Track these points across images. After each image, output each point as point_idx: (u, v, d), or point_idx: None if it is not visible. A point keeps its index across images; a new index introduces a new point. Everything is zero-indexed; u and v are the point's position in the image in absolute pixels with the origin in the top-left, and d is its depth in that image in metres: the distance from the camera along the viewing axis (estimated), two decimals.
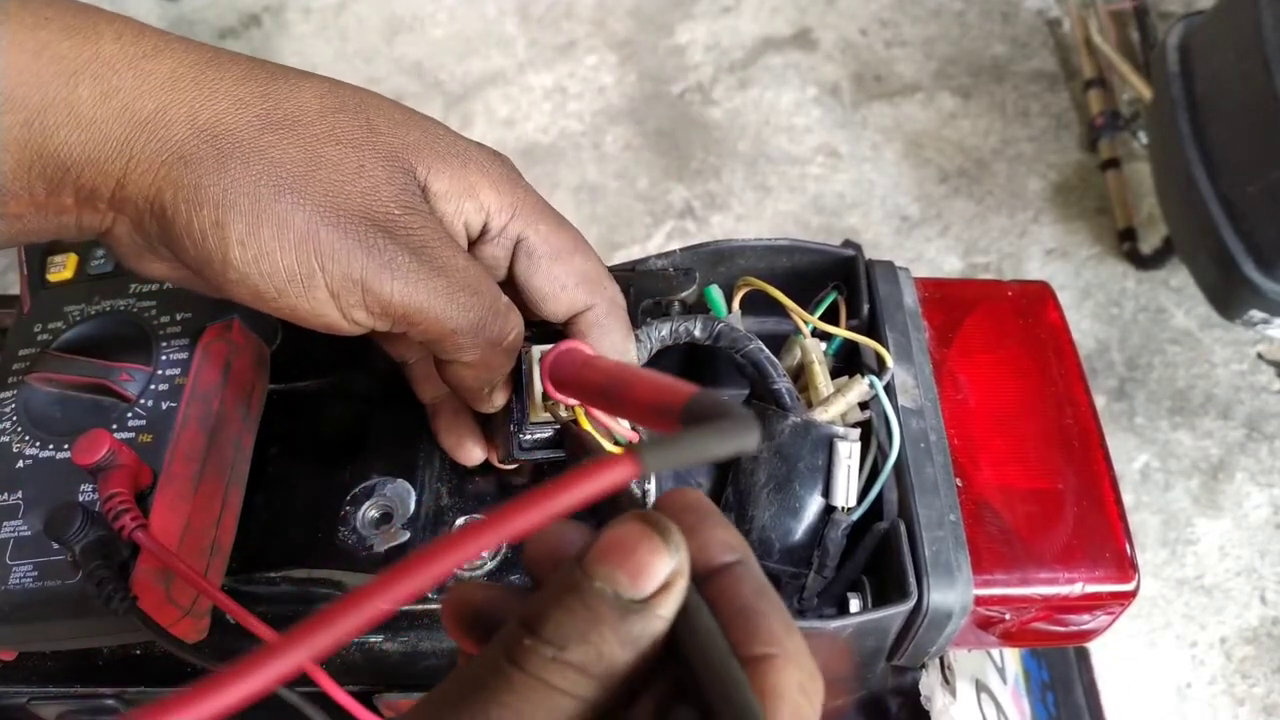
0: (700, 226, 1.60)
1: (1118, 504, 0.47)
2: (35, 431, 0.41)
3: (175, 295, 0.44)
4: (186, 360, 0.43)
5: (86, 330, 0.44)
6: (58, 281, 0.46)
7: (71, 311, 0.45)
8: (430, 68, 1.77)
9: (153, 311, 0.44)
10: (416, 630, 0.45)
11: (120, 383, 0.42)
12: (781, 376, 0.46)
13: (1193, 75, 1.29)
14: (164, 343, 0.43)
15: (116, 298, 0.45)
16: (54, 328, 0.45)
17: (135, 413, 0.41)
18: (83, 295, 0.45)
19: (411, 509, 0.43)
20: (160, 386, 0.42)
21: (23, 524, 0.40)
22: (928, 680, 0.53)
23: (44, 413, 0.42)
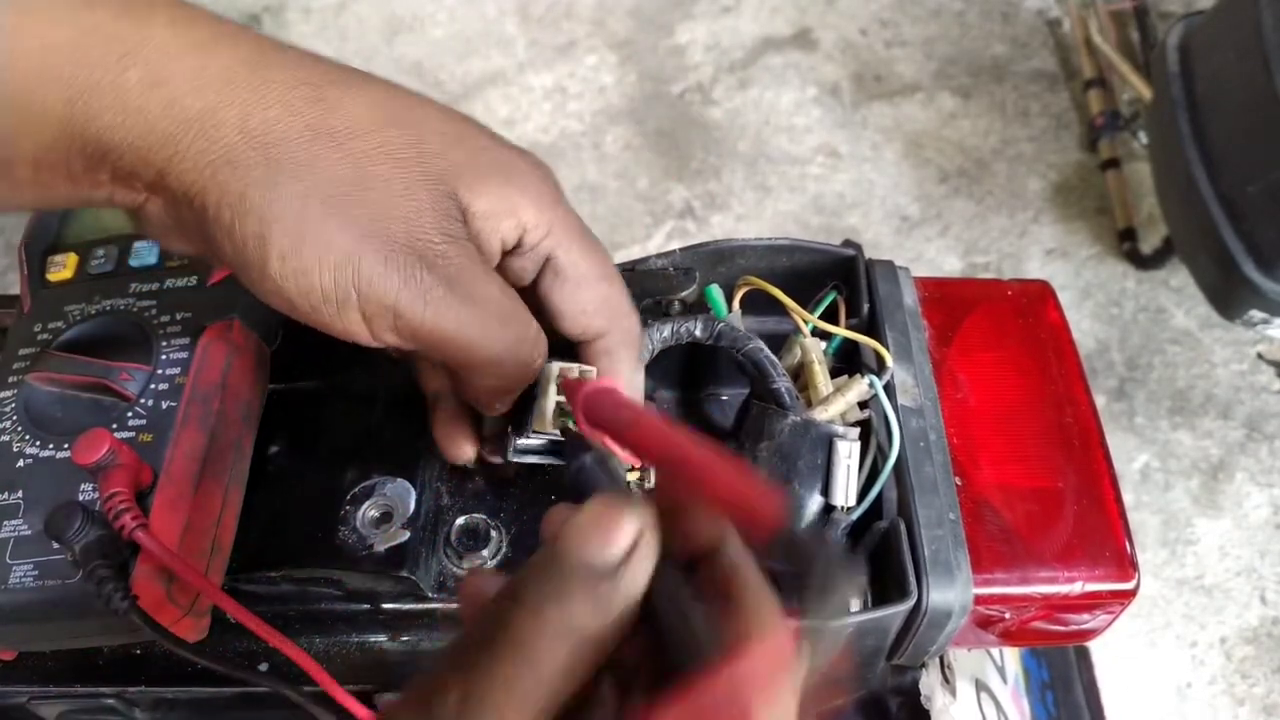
0: (700, 226, 1.60)
1: (1118, 503, 0.47)
2: (35, 431, 0.41)
3: (175, 295, 0.44)
4: (187, 360, 0.43)
5: (87, 330, 0.44)
6: (58, 281, 0.46)
7: (72, 311, 0.45)
8: (430, 68, 1.77)
9: (153, 311, 0.44)
10: (416, 630, 0.45)
11: (120, 382, 0.42)
12: (781, 376, 0.46)
13: (1193, 75, 1.29)
14: (164, 342, 0.43)
15: (116, 297, 0.45)
16: (54, 327, 0.44)
17: (135, 412, 0.41)
18: (83, 295, 0.45)
19: (411, 509, 0.43)
20: (160, 386, 0.42)
21: (23, 523, 0.40)
22: (928, 680, 0.53)
23: (44, 412, 0.42)
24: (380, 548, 0.42)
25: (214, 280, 0.44)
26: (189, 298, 0.44)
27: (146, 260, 0.46)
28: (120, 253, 0.46)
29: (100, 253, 0.46)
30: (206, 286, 0.44)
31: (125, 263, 0.46)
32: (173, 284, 0.45)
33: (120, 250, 0.46)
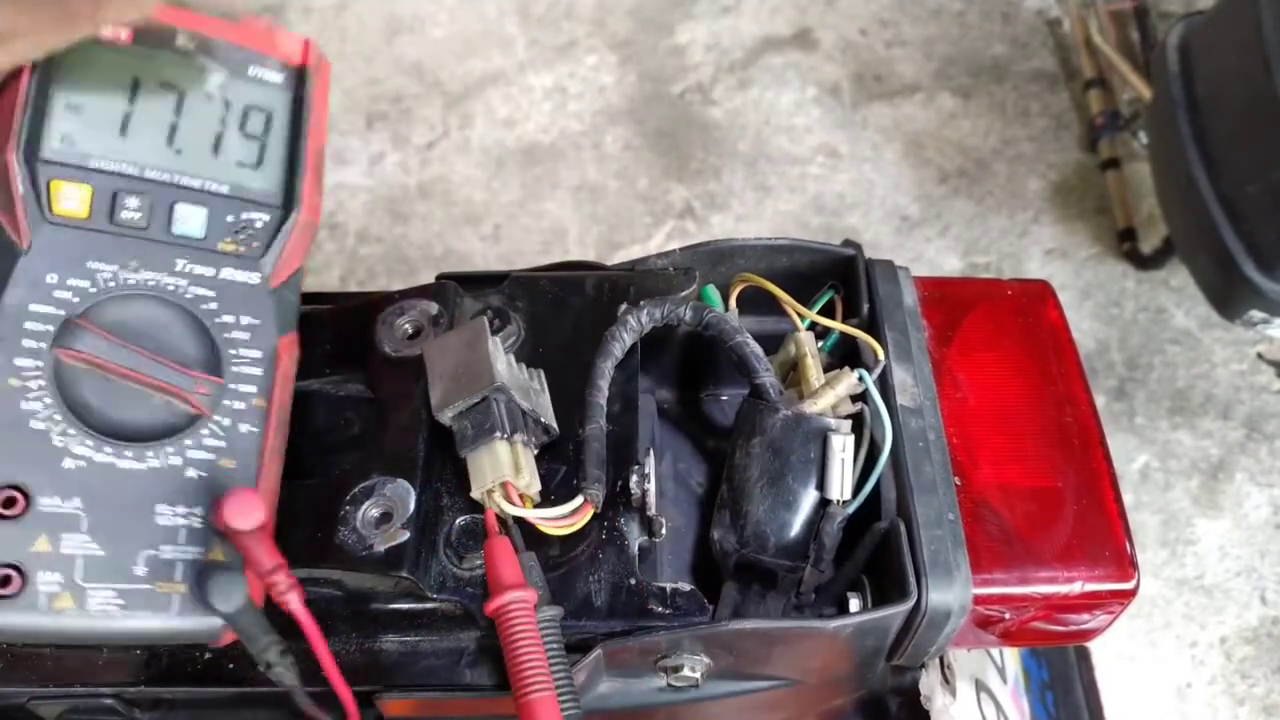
0: (700, 226, 1.60)
1: (1118, 503, 0.47)
2: (82, 426, 0.37)
3: (238, 293, 0.41)
4: (261, 378, 0.40)
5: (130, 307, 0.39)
6: (69, 218, 0.39)
7: (100, 272, 0.38)
8: (430, 68, 1.77)
9: (213, 305, 0.40)
10: (417, 630, 0.45)
11: (199, 395, 0.38)
12: (767, 371, 0.46)
13: (1193, 75, 1.29)
14: (233, 351, 0.40)
15: (160, 271, 0.40)
16: (77, 286, 0.38)
17: (212, 431, 0.38)
18: (111, 250, 0.39)
19: (411, 509, 0.43)
20: (235, 404, 0.39)
21: (90, 540, 0.36)
22: (928, 680, 0.53)
23: (91, 404, 0.37)
24: (380, 548, 0.42)
25: (276, 284, 0.42)
26: (254, 300, 0.41)
27: (192, 230, 0.41)
28: (154, 206, 0.40)
29: (133, 202, 0.40)
30: (272, 288, 0.42)
31: (166, 225, 0.40)
32: (231, 276, 0.41)
33: (156, 204, 0.40)
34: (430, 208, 1.61)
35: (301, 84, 0.44)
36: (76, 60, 0.39)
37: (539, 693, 0.38)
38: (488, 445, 0.42)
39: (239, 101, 0.42)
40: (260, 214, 0.42)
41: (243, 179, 0.42)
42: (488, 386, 0.42)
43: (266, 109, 0.43)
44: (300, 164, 0.43)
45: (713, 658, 0.45)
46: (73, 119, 0.39)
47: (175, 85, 0.41)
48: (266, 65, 0.43)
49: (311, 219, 0.44)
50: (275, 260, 0.42)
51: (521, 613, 0.39)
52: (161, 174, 0.41)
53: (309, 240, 0.44)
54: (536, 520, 0.43)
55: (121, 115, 0.40)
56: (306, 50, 0.44)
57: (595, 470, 0.44)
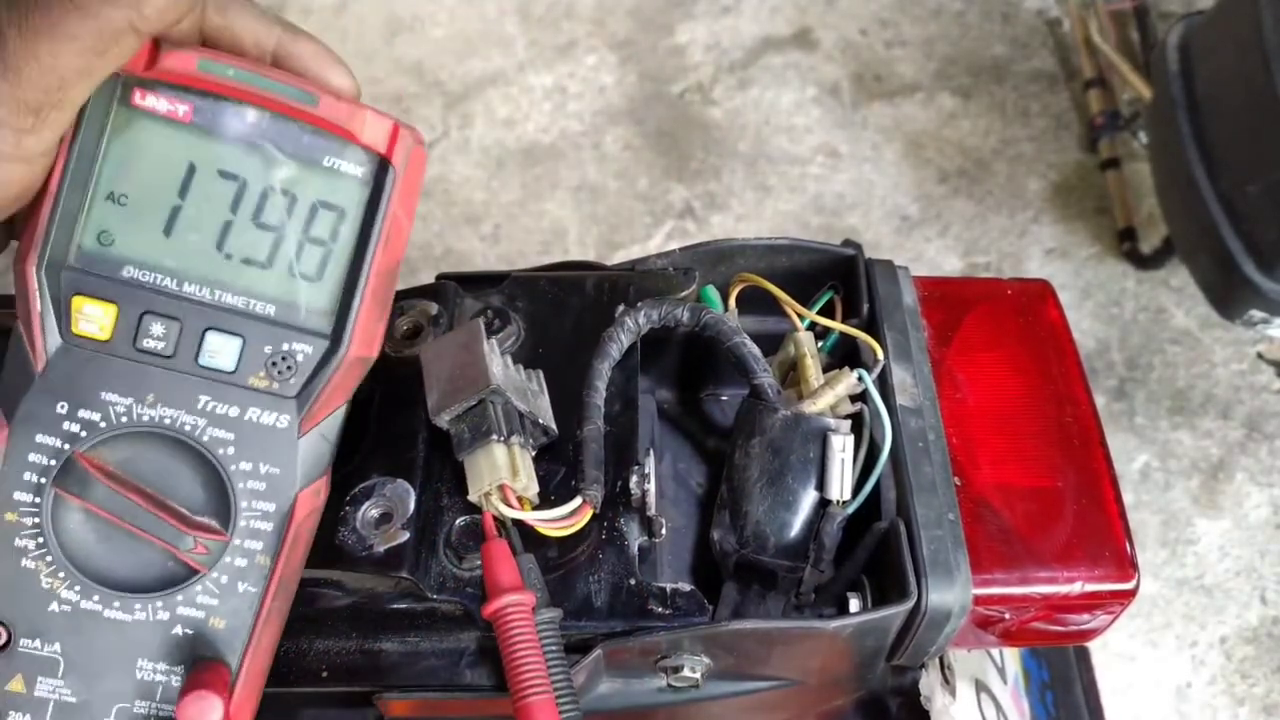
0: (700, 226, 1.60)
1: (1118, 503, 0.47)
2: (73, 571, 0.35)
3: (259, 436, 0.36)
4: (270, 534, 0.36)
5: (140, 448, 0.36)
6: (88, 340, 0.35)
7: (114, 405, 0.35)
8: (430, 68, 1.77)
9: (230, 451, 0.36)
10: (417, 630, 0.45)
11: (194, 554, 0.35)
12: (765, 371, 0.46)
13: (1193, 75, 1.29)
14: (244, 503, 0.36)
15: (179, 408, 0.35)
16: (86, 418, 0.35)
17: (206, 588, 0.36)
18: (128, 380, 0.35)
19: (411, 509, 0.43)
20: (238, 561, 0.36)
21: (64, 686, 0.34)
22: (927, 680, 0.53)
23: (82, 548, 0.35)
24: (380, 548, 0.42)
25: (308, 428, 0.37)
26: (277, 446, 0.36)
27: (220, 362, 0.36)
28: (185, 336, 0.35)
29: (158, 329, 0.35)
30: (300, 435, 0.37)
31: (192, 356, 0.35)
32: (257, 417, 0.36)
33: (185, 332, 0.35)
34: (430, 208, 1.61)
35: (382, 180, 0.36)
36: (125, 140, 0.34)
37: (537, 695, 0.38)
38: (484, 448, 0.42)
39: (307, 197, 0.36)
40: (304, 345, 0.36)
41: (294, 296, 0.36)
42: (483, 389, 0.42)
43: (338, 207, 0.36)
44: (361, 284, 0.36)
45: (713, 658, 0.45)
46: (113, 212, 0.35)
47: (235, 175, 0.35)
48: (346, 155, 0.36)
49: (365, 355, 0.37)
50: (311, 402, 0.36)
51: (519, 616, 0.39)
52: (201, 289, 0.35)
53: (357, 378, 0.38)
54: (535, 522, 0.43)
55: (169, 210, 0.35)
56: (394, 138, 0.36)
57: (593, 471, 0.44)
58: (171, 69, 0.34)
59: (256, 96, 0.35)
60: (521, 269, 0.53)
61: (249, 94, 0.35)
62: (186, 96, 0.34)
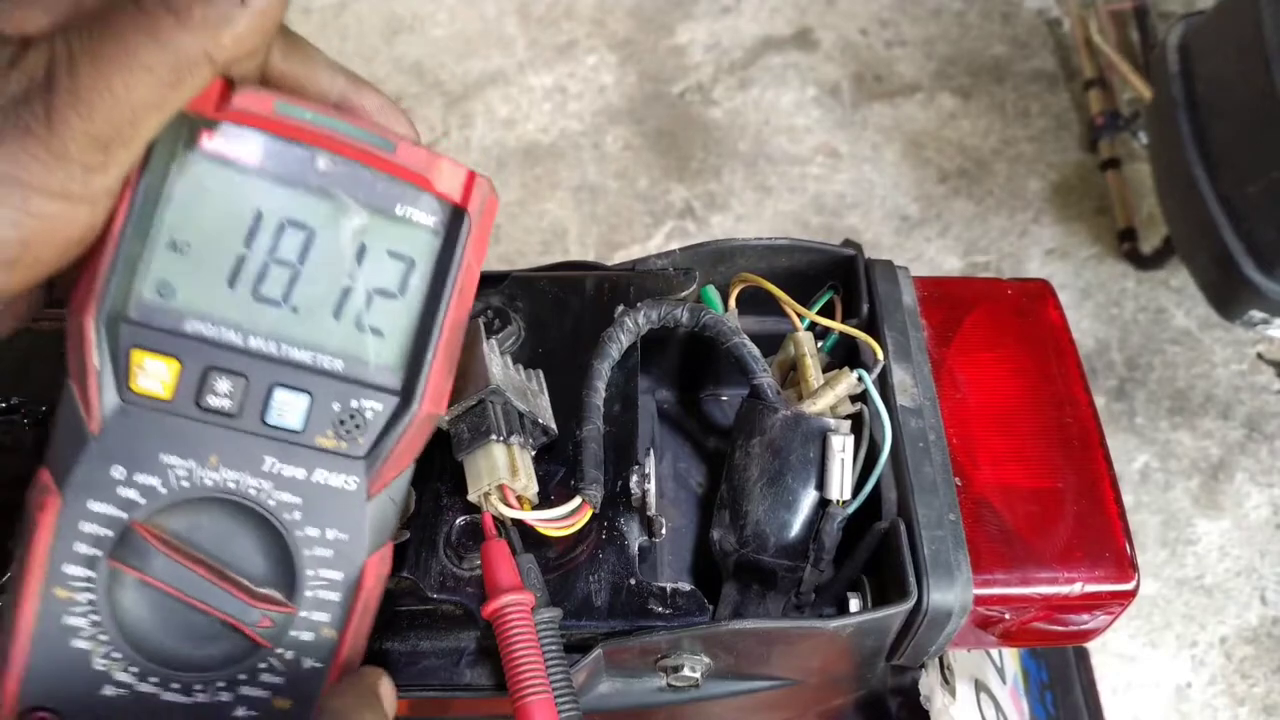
0: (700, 226, 1.60)
1: (1118, 503, 0.47)
2: (130, 651, 0.32)
3: (327, 499, 0.34)
4: (338, 604, 0.34)
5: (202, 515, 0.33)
6: (147, 398, 0.32)
7: (174, 468, 0.33)
8: (430, 68, 1.77)
9: (297, 515, 0.34)
10: (416, 630, 0.45)
11: (259, 628, 0.33)
12: (764, 371, 0.46)
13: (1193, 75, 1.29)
14: (311, 571, 0.34)
15: (243, 470, 0.33)
16: (145, 483, 0.32)
17: (271, 665, 0.34)
18: (189, 441, 0.33)
19: (411, 508, 0.43)
20: (303, 635, 0.34)
21: None
22: (927, 680, 0.53)
23: (139, 625, 0.33)
24: None
25: (377, 489, 0.35)
26: (346, 510, 0.34)
27: (289, 423, 0.33)
28: (251, 394, 0.33)
29: (224, 386, 0.33)
30: (369, 497, 0.35)
31: (258, 415, 0.33)
32: (325, 479, 0.34)
33: (252, 390, 0.33)
34: None
35: (456, 230, 0.34)
36: (189, 184, 0.32)
37: (535, 695, 0.38)
38: (484, 448, 0.42)
39: (378, 246, 0.34)
40: (373, 402, 0.34)
41: (363, 351, 0.34)
42: (483, 389, 0.42)
43: (409, 258, 0.34)
44: (434, 338, 0.34)
45: (713, 658, 0.45)
46: (175, 261, 0.32)
47: (304, 223, 0.33)
48: (420, 203, 0.34)
49: (434, 412, 0.35)
50: (380, 463, 0.34)
51: (518, 616, 0.39)
52: (268, 343, 0.33)
53: (426, 436, 0.36)
54: (534, 522, 0.43)
55: (234, 259, 0.33)
56: (470, 186, 0.35)
57: (593, 471, 0.44)
58: (246, 109, 0.32)
59: (334, 142, 0.33)
60: (521, 269, 0.53)
61: (326, 139, 0.33)
62: (256, 139, 0.33)
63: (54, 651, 0.32)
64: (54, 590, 0.32)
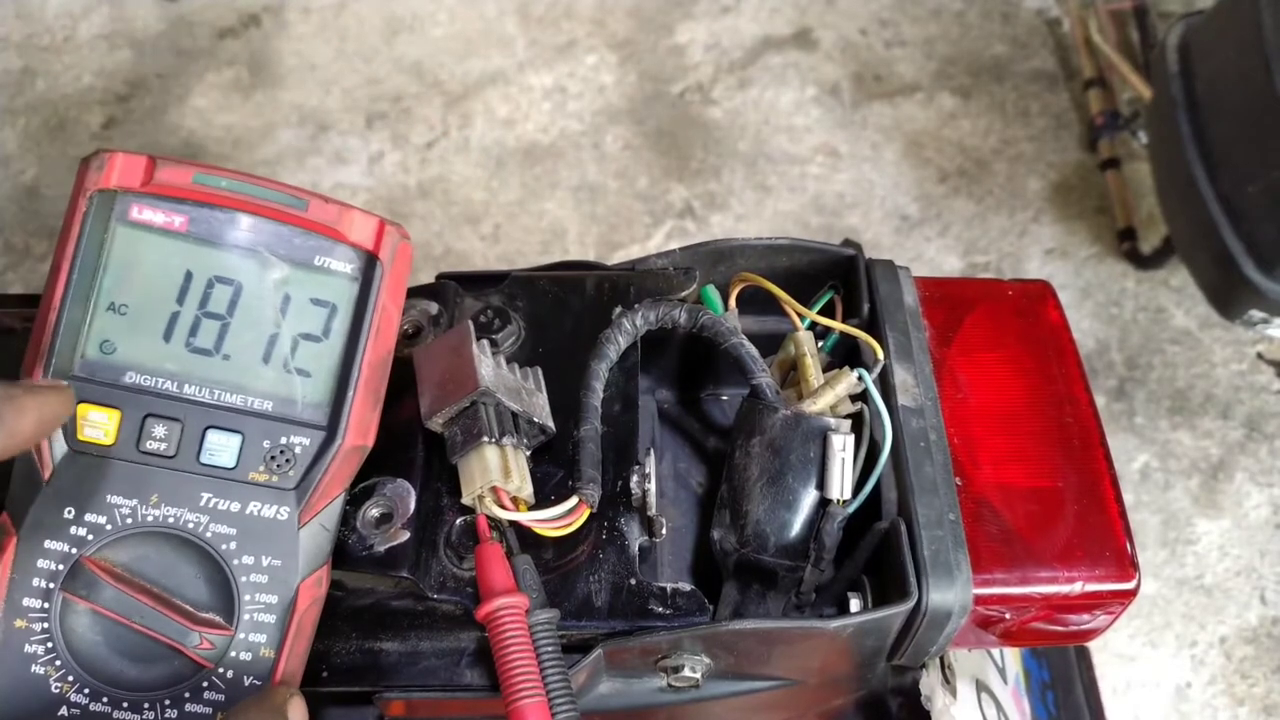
0: (700, 226, 1.60)
1: (1118, 503, 0.47)
2: (82, 675, 0.35)
3: (260, 528, 0.37)
4: (273, 626, 0.36)
5: (145, 548, 0.36)
6: (93, 444, 0.36)
7: (119, 507, 0.36)
8: (430, 67, 1.77)
9: (232, 545, 0.37)
10: (416, 630, 0.45)
11: (199, 650, 0.36)
12: (762, 371, 0.46)
13: (1193, 75, 1.29)
14: (248, 596, 0.36)
15: (183, 505, 0.36)
16: (93, 522, 0.36)
17: (213, 683, 0.36)
18: (132, 483, 0.36)
19: (411, 509, 0.43)
20: (243, 655, 0.36)
21: None
22: (928, 680, 0.52)
23: (91, 650, 0.35)
24: (380, 548, 0.42)
25: (308, 518, 0.38)
26: (278, 538, 0.37)
27: (223, 461, 0.37)
28: (186, 437, 0.36)
29: (160, 431, 0.36)
30: (300, 525, 0.38)
31: (193, 455, 0.37)
32: (258, 510, 0.37)
33: (187, 433, 0.36)
34: (430, 207, 1.61)
35: (370, 274, 0.38)
36: (124, 253, 0.36)
37: (527, 699, 0.38)
38: (476, 450, 0.42)
39: (300, 296, 0.38)
40: (301, 437, 0.37)
41: (291, 391, 0.37)
42: (473, 391, 0.42)
43: (330, 303, 0.38)
44: (354, 376, 0.38)
45: (713, 658, 0.45)
46: (114, 321, 0.36)
47: (231, 279, 0.37)
48: (336, 254, 0.38)
49: (360, 444, 0.39)
50: (310, 493, 0.37)
51: (511, 619, 0.39)
52: (201, 390, 0.37)
53: (354, 466, 0.39)
54: (530, 523, 0.43)
55: (169, 316, 0.37)
56: (380, 234, 0.38)
57: (590, 471, 0.44)
58: (168, 183, 0.36)
59: (249, 204, 0.37)
60: (521, 269, 0.53)
61: (243, 202, 0.37)
62: (182, 208, 0.36)
63: (15, 677, 0.35)
64: (14, 622, 0.35)
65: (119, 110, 1.73)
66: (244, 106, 1.72)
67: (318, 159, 1.66)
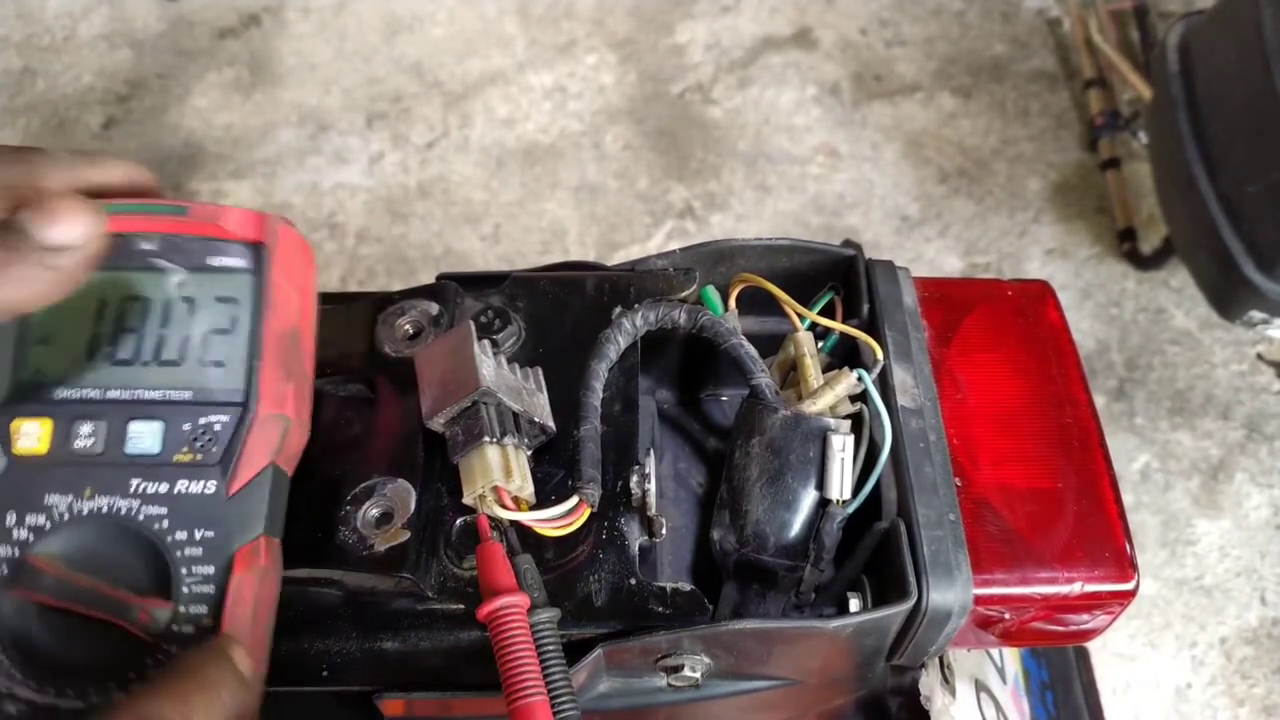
0: (700, 226, 1.60)
1: (1117, 503, 0.47)
2: (26, 666, 0.36)
3: (191, 504, 0.38)
4: (212, 596, 0.37)
5: (81, 537, 0.38)
6: (29, 456, 0.38)
7: (55, 505, 0.38)
8: (430, 67, 1.77)
9: (165, 523, 0.38)
10: (417, 630, 0.45)
11: (140, 624, 0.37)
12: (762, 372, 0.46)
13: (1193, 75, 1.29)
14: (184, 569, 0.38)
15: (115, 494, 0.38)
16: (33, 524, 0.37)
17: (156, 660, 0.37)
18: (67, 482, 0.38)
19: (412, 509, 0.43)
20: (184, 629, 0.37)
21: None
22: (927, 680, 0.53)
23: (36, 643, 0.36)
24: (380, 548, 0.42)
25: (235, 489, 0.39)
26: (208, 510, 0.38)
27: (148, 448, 0.39)
28: (111, 430, 0.39)
29: (86, 429, 0.39)
30: (228, 496, 0.39)
31: (120, 446, 0.39)
32: (186, 488, 0.38)
33: (111, 427, 0.39)
34: (430, 207, 1.61)
35: (260, 260, 0.40)
36: None
37: (529, 699, 0.38)
38: (477, 450, 0.42)
39: (204, 295, 0.40)
40: (220, 415, 0.39)
41: (208, 380, 0.39)
42: (474, 391, 0.42)
43: (232, 297, 0.40)
44: (260, 348, 0.40)
45: (713, 658, 0.45)
46: (42, 353, 0.39)
47: (139, 295, 0.40)
48: (226, 251, 0.40)
49: (275, 412, 0.40)
50: (234, 464, 0.39)
51: (512, 618, 0.39)
52: (123, 392, 0.39)
53: (275, 435, 0.40)
54: (531, 522, 0.43)
55: (88, 339, 0.40)
56: (260, 224, 0.41)
57: (590, 470, 0.44)
58: None
59: (135, 222, 0.39)
60: (522, 269, 0.53)
61: (129, 223, 0.39)
62: None
63: None
64: None
65: (119, 110, 1.73)
66: (244, 106, 1.73)
67: (318, 159, 1.66)
